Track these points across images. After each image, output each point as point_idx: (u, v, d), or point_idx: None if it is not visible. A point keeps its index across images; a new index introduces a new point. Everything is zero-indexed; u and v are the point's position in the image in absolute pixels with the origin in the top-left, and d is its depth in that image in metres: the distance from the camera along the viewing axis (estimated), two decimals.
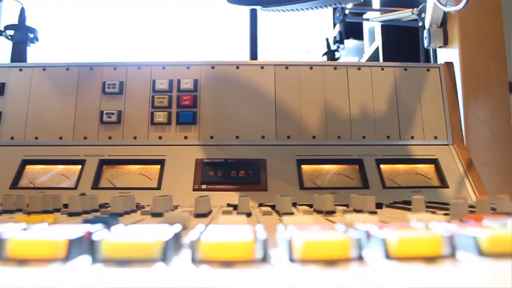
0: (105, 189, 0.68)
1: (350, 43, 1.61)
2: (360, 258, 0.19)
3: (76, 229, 0.22)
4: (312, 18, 1.95)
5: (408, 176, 0.73)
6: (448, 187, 0.69)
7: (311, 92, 0.77)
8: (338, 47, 1.42)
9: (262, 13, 1.81)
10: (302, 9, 0.62)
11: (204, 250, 0.19)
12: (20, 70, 0.78)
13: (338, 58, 1.49)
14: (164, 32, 2.01)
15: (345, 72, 0.78)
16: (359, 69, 0.78)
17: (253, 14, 1.77)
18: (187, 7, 1.98)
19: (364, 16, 1.28)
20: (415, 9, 1.07)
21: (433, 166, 0.73)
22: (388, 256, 0.19)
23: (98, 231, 0.22)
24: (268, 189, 0.68)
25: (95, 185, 0.69)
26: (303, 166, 0.72)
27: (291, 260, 0.18)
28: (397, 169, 0.73)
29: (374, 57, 1.46)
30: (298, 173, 0.70)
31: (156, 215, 0.44)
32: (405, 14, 1.12)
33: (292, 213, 0.46)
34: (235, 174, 0.70)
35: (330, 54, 1.48)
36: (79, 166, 0.72)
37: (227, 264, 0.18)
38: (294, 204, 0.55)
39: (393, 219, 0.40)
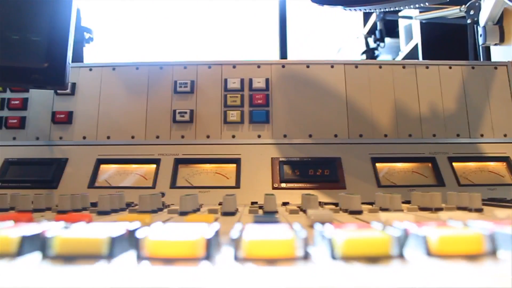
0: (183, 188, 0.69)
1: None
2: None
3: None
4: (342, 16, 1.95)
5: (481, 173, 0.73)
6: None
7: (381, 91, 0.77)
8: (378, 45, 1.43)
9: (292, 12, 1.82)
10: (383, 9, 0.62)
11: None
12: (90, 70, 0.78)
13: (377, 56, 1.50)
14: (191, 30, 2.01)
15: (413, 71, 0.78)
16: (427, 67, 0.79)
17: (283, 13, 1.77)
18: (218, 7, 1.98)
19: (406, 14, 1.28)
20: (463, 6, 1.07)
21: (504, 163, 0.74)
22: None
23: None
24: (346, 187, 0.69)
25: (173, 184, 0.69)
26: (377, 164, 0.72)
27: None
28: (469, 167, 0.74)
29: (411, 55, 1.46)
30: (374, 171, 0.71)
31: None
32: (452, 11, 1.12)
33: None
34: (313, 173, 0.70)
35: (370, 53, 1.48)
36: (154, 165, 0.72)
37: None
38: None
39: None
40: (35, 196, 0.52)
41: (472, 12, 1.04)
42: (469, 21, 1.06)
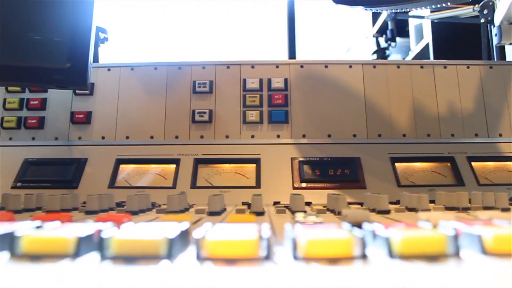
0: (203, 188, 0.69)
1: None
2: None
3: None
4: (351, 16, 1.95)
5: (500, 173, 0.73)
6: None
7: (399, 91, 0.77)
8: (389, 44, 1.42)
9: (301, 12, 1.81)
10: (404, 10, 0.62)
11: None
12: (108, 70, 0.79)
13: (388, 56, 1.50)
14: (199, 31, 2.01)
15: (431, 71, 0.78)
16: (445, 67, 0.79)
17: (291, 13, 1.77)
18: (226, 7, 1.98)
19: (417, 14, 1.28)
20: (477, 5, 1.07)
21: None
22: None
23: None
24: (366, 186, 0.69)
25: (193, 184, 0.69)
26: (396, 164, 0.72)
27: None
28: (488, 166, 0.74)
29: (422, 54, 1.46)
30: (393, 170, 0.71)
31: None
32: (465, 11, 1.12)
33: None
34: (333, 172, 0.70)
35: (381, 52, 1.48)
36: (174, 165, 0.72)
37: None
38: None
39: None
40: (62, 196, 0.52)
41: (485, 12, 1.04)
42: (482, 20, 1.05)
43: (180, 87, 0.77)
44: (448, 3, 0.64)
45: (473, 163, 0.73)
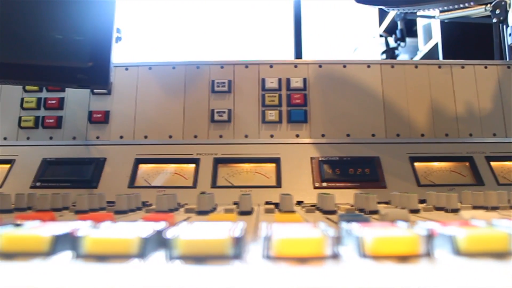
0: (224, 188, 0.69)
1: None
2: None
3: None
4: (357, 16, 1.95)
5: None
6: None
7: (417, 90, 0.77)
8: (398, 44, 1.43)
9: (307, 12, 1.82)
10: (427, 9, 0.62)
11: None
12: (126, 69, 0.78)
13: (397, 56, 1.50)
14: (202, 29, 2.01)
15: (449, 71, 0.78)
16: (462, 67, 0.79)
17: (297, 13, 1.77)
18: (232, 7, 1.98)
19: (427, 13, 1.28)
20: (489, 5, 1.07)
21: None
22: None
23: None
24: (387, 186, 0.69)
25: (214, 184, 0.69)
26: (415, 164, 0.73)
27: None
28: (507, 166, 0.74)
29: (430, 54, 1.46)
30: (412, 170, 0.71)
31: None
32: (476, 10, 1.12)
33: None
34: (353, 172, 0.70)
35: (390, 52, 1.48)
36: (193, 165, 0.72)
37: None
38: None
39: None
40: (90, 196, 0.52)
41: (498, 11, 1.04)
42: (494, 20, 1.06)
43: (199, 87, 0.77)
44: (472, 3, 0.64)
45: (491, 163, 0.73)
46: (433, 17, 1.24)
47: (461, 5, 0.64)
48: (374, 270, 0.18)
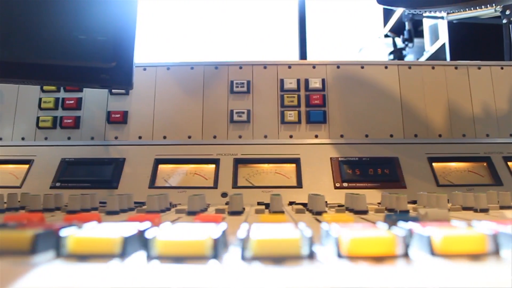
0: (245, 188, 0.69)
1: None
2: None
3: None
4: (362, 16, 1.96)
5: None
6: None
7: (434, 91, 0.78)
8: (406, 45, 1.43)
9: (312, 13, 1.82)
10: (448, 11, 0.62)
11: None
12: (144, 69, 0.78)
13: (405, 56, 1.50)
14: (207, 30, 2.01)
15: (465, 71, 0.79)
16: (479, 68, 0.80)
17: (302, 13, 1.78)
18: (238, 7, 1.98)
19: (435, 14, 1.29)
20: (499, 6, 1.08)
21: None
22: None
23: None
24: (406, 186, 0.69)
25: (235, 184, 0.69)
26: (434, 164, 0.73)
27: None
28: None
29: (437, 55, 1.47)
30: (431, 170, 0.72)
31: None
32: (485, 11, 1.13)
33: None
34: (373, 172, 0.71)
35: (397, 53, 1.49)
36: (213, 165, 0.72)
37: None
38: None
39: None
40: (120, 196, 0.52)
41: (508, 12, 1.05)
42: (504, 21, 1.07)
43: (217, 87, 0.77)
44: (494, 4, 0.65)
45: (509, 163, 0.74)
46: (442, 17, 1.25)
47: (489, 6, 0.65)
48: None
